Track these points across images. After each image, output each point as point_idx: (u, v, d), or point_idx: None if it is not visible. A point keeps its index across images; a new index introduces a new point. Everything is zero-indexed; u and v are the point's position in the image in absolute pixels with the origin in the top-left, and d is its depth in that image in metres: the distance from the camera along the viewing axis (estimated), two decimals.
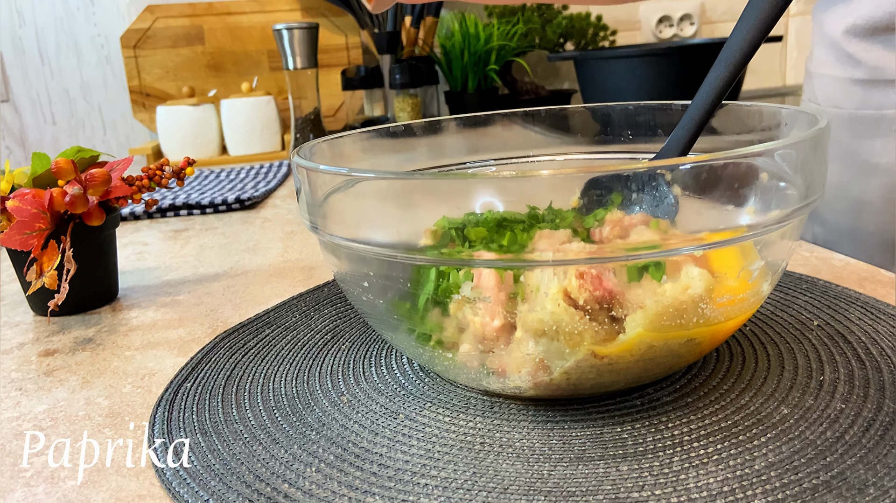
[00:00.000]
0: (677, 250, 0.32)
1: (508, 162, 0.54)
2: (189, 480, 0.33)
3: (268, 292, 0.59)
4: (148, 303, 0.59)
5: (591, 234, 0.37)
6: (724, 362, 0.41)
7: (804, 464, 0.31)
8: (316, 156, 0.44)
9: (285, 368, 0.44)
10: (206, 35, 1.47)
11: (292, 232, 0.80)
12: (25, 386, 0.45)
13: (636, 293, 0.33)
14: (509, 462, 0.33)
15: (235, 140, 1.36)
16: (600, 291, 0.33)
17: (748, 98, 1.64)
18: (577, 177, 0.35)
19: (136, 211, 0.91)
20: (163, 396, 0.41)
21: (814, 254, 0.59)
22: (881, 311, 0.45)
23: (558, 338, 0.33)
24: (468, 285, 0.34)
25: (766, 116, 0.44)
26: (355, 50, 1.53)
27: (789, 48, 1.75)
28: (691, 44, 1.49)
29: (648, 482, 0.30)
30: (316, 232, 0.38)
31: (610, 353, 0.33)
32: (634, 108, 0.51)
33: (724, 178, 0.32)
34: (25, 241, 0.52)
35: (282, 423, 0.37)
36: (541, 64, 1.65)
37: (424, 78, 1.39)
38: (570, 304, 0.33)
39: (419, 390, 0.40)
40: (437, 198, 0.34)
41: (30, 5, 1.48)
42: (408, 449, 0.34)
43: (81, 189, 0.53)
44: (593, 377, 0.34)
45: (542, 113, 0.54)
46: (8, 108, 1.52)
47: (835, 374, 0.38)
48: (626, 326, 0.33)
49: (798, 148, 0.33)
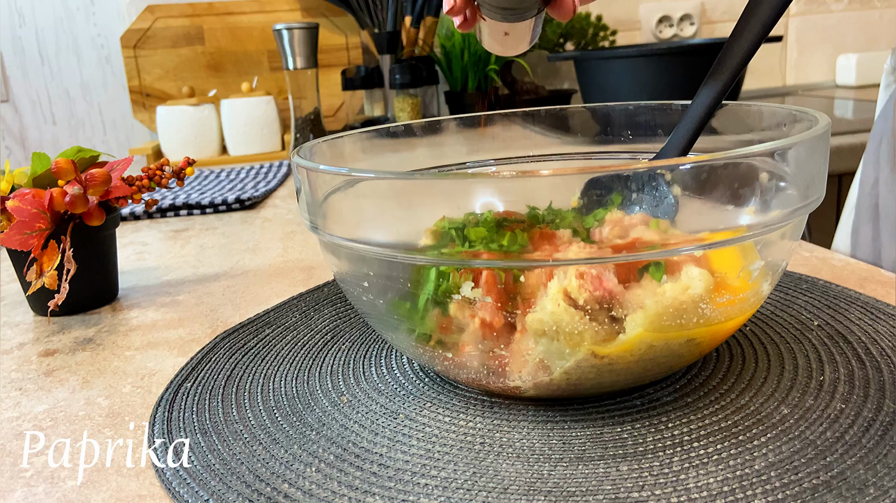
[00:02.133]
0: (677, 250, 0.32)
1: (508, 162, 0.54)
2: (189, 480, 0.33)
3: (268, 292, 0.59)
4: (148, 303, 0.59)
5: (590, 234, 0.37)
6: (724, 362, 0.41)
7: (804, 464, 0.31)
8: (316, 156, 0.44)
9: (285, 368, 0.44)
10: (206, 35, 1.47)
11: (292, 232, 0.80)
12: (25, 386, 0.45)
13: (636, 293, 0.33)
14: (509, 462, 0.33)
15: (235, 140, 1.36)
16: (600, 291, 0.33)
17: (748, 98, 1.64)
18: (577, 177, 0.35)
19: (136, 211, 0.91)
20: (163, 396, 0.41)
21: (814, 255, 0.59)
22: (881, 311, 0.45)
23: (558, 338, 0.33)
24: (468, 285, 0.34)
25: (766, 116, 0.44)
26: (355, 50, 1.53)
27: (789, 48, 1.75)
28: (691, 44, 1.49)
29: (648, 482, 0.30)
30: (316, 232, 0.38)
31: (610, 353, 0.33)
32: (634, 108, 0.51)
33: (724, 178, 0.32)
34: (25, 241, 0.52)
35: (282, 423, 0.37)
36: (541, 64, 1.65)
37: (424, 78, 1.39)
38: (570, 304, 0.33)
39: (419, 390, 0.40)
40: (437, 198, 0.34)
41: (30, 5, 1.48)
42: (408, 449, 0.34)
43: (81, 189, 0.53)
44: (593, 377, 0.34)
45: (542, 113, 0.54)
46: (8, 108, 1.52)
47: (835, 374, 0.38)
48: (626, 326, 0.33)
49: (798, 148, 0.33)
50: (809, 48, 1.75)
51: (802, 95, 1.68)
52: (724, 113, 0.45)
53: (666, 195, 0.34)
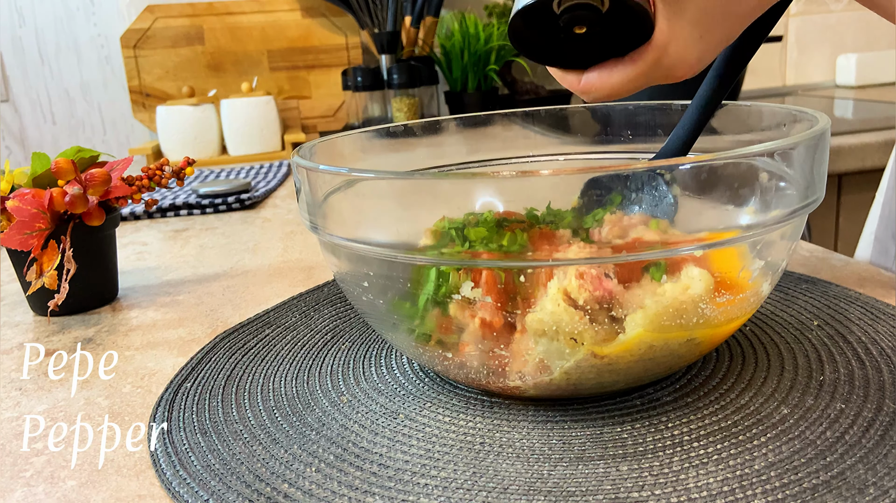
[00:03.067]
0: (677, 250, 0.32)
1: (508, 162, 0.54)
2: (189, 480, 0.33)
3: (268, 292, 0.59)
4: (148, 303, 0.59)
5: (590, 234, 0.37)
6: (724, 362, 0.41)
7: (804, 464, 0.31)
8: (316, 156, 0.44)
9: (285, 368, 0.44)
10: (206, 35, 1.47)
11: (292, 232, 0.80)
12: (25, 386, 0.45)
13: (636, 293, 0.33)
14: (509, 462, 0.33)
15: (235, 140, 1.36)
16: (600, 291, 0.33)
17: (748, 98, 1.64)
18: (577, 177, 0.35)
19: (136, 211, 0.91)
20: (163, 396, 0.41)
21: (814, 255, 0.59)
22: (881, 311, 0.45)
23: (558, 338, 0.33)
24: (468, 285, 0.34)
25: (766, 116, 0.44)
26: (355, 50, 1.53)
27: (789, 48, 1.75)
28: None
29: (648, 482, 0.30)
30: (316, 232, 0.38)
31: (610, 353, 0.33)
32: (634, 108, 0.51)
33: (724, 178, 0.32)
34: (25, 241, 0.52)
35: (282, 423, 0.37)
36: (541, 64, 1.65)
37: (423, 78, 1.39)
38: (570, 304, 0.33)
39: (419, 390, 0.40)
40: (437, 198, 0.34)
41: (30, 5, 1.48)
42: (408, 449, 0.34)
43: (81, 189, 0.53)
44: (593, 377, 0.35)
45: (542, 113, 0.54)
46: (8, 108, 1.52)
47: (835, 374, 0.38)
48: (626, 326, 0.33)
49: (798, 148, 0.33)
50: (809, 48, 1.75)
51: (802, 95, 1.68)
52: (724, 113, 0.45)
53: (665, 195, 0.34)
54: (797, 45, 1.75)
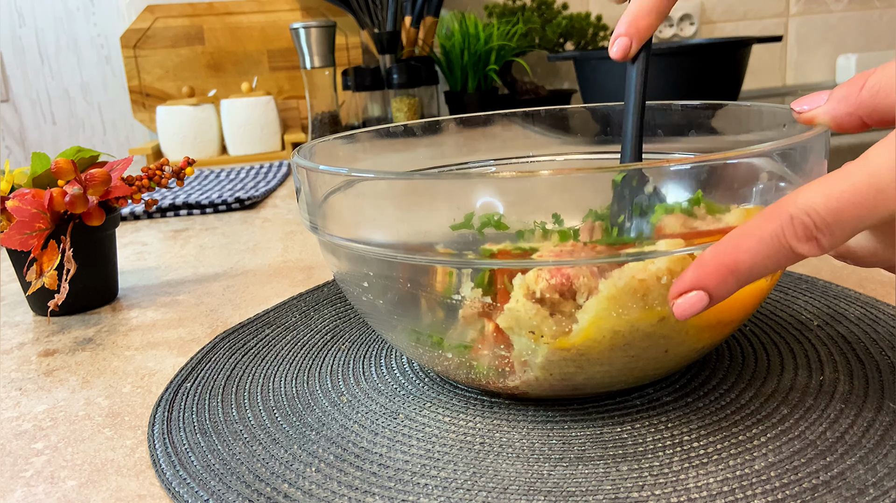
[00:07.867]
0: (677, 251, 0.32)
1: (508, 162, 0.54)
2: (189, 480, 0.33)
3: (268, 292, 0.59)
4: (148, 303, 0.59)
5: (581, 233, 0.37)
6: (724, 362, 0.41)
7: (804, 464, 0.31)
8: (316, 156, 0.44)
9: (285, 368, 0.44)
10: (206, 35, 1.47)
11: (292, 232, 0.80)
12: (25, 386, 0.45)
13: (594, 278, 0.32)
14: (509, 462, 0.33)
15: (235, 140, 1.36)
16: (556, 278, 0.32)
17: (748, 98, 1.64)
18: (576, 177, 0.34)
19: (136, 211, 0.91)
20: (163, 396, 0.41)
21: None
22: (881, 311, 0.45)
23: (521, 333, 0.33)
24: (468, 285, 0.34)
25: (766, 116, 0.44)
26: (355, 50, 1.53)
27: (789, 48, 1.75)
28: (691, 44, 1.49)
29: (648, 482, 0.30)
30: (316, 232, 0.38)
31: (575, 344, 0.33)
32: None
33: (725, 178, 0.32)
34: (25, 241, 0.52)
35: (282, 423, 0.37)
36: (541, 64, 1.65)
37: (422, 78, 1.39)
38: (531, 298, 0.32)
39: (419, 390, 0.40)
40: (437, 198, 0.34)
41: (30, 5, 1.48)
42: (408, 449, 0.34)
43: (81, 189, 0.53)
44: (578, 371, 0.34)
45: (542, 113, 0.54)
46: (8, 108, 1.52)
47: (835, 374, 0.38)
48: (581, 314, 0.32)
49: (798, 148, 0.33)
50: (809, 48, 1.75)
51: (802, 95, 1.68)
52: (724, 113, 0.45)
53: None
54: (797, 45, 1.75)
